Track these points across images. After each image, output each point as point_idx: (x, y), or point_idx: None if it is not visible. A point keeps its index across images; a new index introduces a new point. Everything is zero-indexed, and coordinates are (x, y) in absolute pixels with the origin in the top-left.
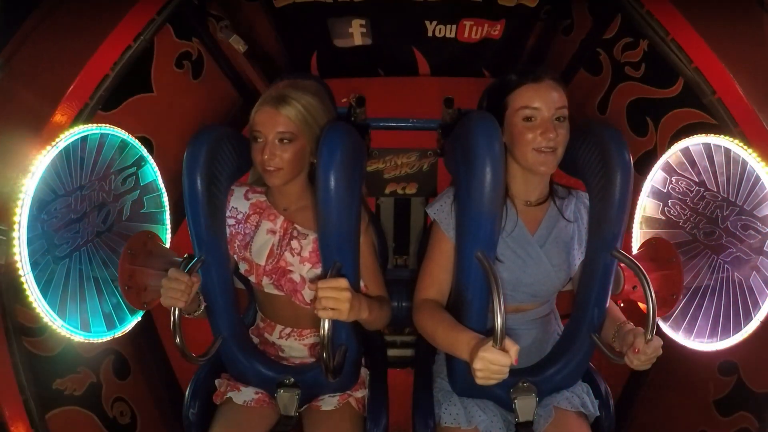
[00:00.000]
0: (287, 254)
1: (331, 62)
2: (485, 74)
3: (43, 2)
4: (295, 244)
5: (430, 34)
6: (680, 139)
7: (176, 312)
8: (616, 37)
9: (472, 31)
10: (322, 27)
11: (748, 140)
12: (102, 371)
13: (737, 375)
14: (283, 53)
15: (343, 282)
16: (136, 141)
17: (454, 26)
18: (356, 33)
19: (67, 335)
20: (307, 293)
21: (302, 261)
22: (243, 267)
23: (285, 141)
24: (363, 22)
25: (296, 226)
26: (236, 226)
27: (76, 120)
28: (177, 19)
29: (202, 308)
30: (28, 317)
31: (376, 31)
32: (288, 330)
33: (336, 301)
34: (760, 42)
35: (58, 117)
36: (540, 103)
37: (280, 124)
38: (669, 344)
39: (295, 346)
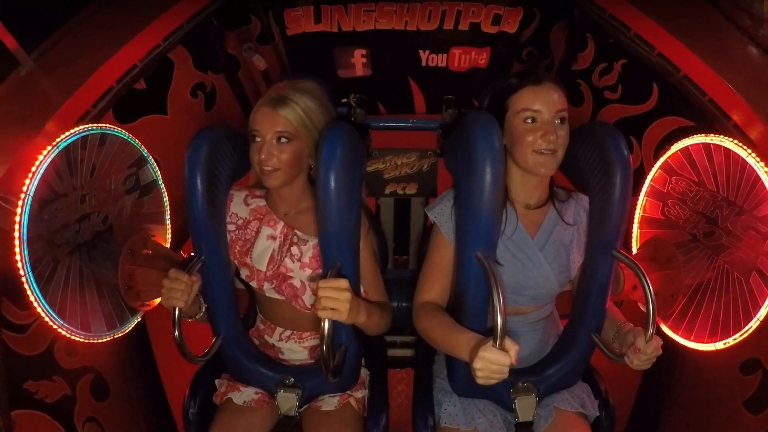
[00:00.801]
0: (287, 260)
1: (334, 96)
2: (475, 105)
3: (88, 6)
4: (295, 250)
5: (423, 63)
6: (664, 149)
7: (176, 314)
8: (592, 64)
9: (461, 59)
10: (327, 57)
11: (744, 132)
12: (78, 387)
13: (762, 369)
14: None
15: (343, 282)
16: (137, 141)
17: (445, 55)
18: (358, 63)
19: (67, 335)
20: (308, 298)
21: (302, 267)
22: (244, 273)
23: (283, 141)
24: (364, 52)
25: (296, 231)
26: (236, 232)
27: (87, 114)
28: (196, 50)
29: (203, 311)
30: (12, 312)
31: (376, 61)
32: (288, 332)
33: (336, 302)
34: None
35: (56, 121)
36: (541, 105)
37: (278, 124)
38: (686, 354)
39: (295, 349)
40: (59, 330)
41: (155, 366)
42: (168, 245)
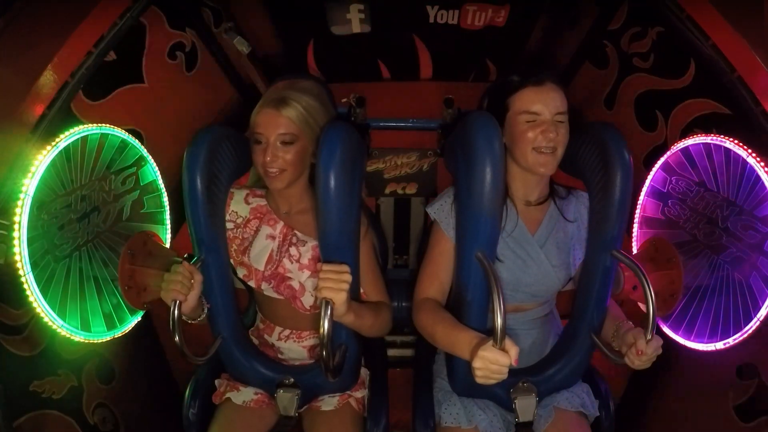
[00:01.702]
0: (286, 260)
1: (329, 53)
2: (489, 66)
3: None
4: (293, 250)
5: (431, 20)
6: (693, 132)
7: (176, 310)
8: (623, 27)
9: (476, 17)
10: (318, 12)
11: None
12: (84, 374)
13: (758, 378)
14: (279, 45)
15: (344, 267)
16: (137, 141)
17: (456, 11)
18: (354, 19)
19: (67, 335)
20: (307, 300)
21: (301, 268)
22: (241, 272)
23: (286, 143)
24: (362, 6)
25: (296, 232)
26: (234, 230)
27: (56, 100)
28: (170, 7)
29: (206, 312)
30: (8, 314)
31: (376, 16)
32: (287, 332)
33: (335, 282)
34: None
35: (37, 94)
36: (541, 107)
37: (281, 126)
38: (684, 351)
39: (294, 348)
40: (59, 330)
41: (160, 344)
42: (168, 245)
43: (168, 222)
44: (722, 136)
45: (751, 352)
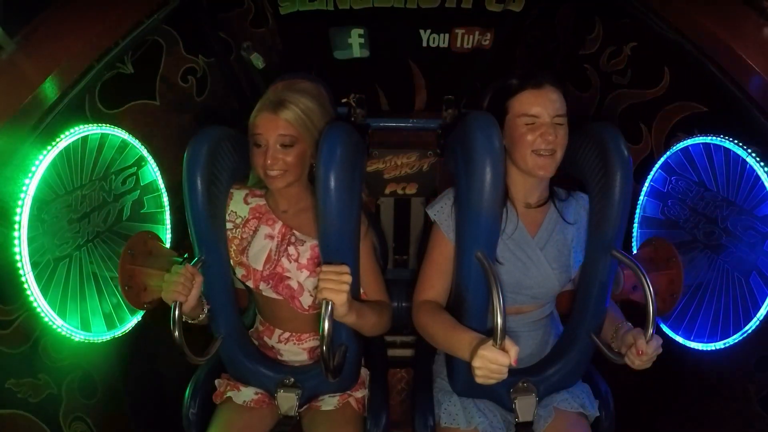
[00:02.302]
0: (284, 260)
1: (330, 79)
2: (479, 92)
3: None
4: (292, 250)
5: (424, 44)
6: (676, 137)
7: (177, 310)
8: (600, 48)
9: (464, 39)
10: (323, 38)
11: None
12: (65, 385)
13: None
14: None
15: (344, 267)
16: (137, 141)
17: (446, 35)
18: (355, 44)
19: (67, 335)
20: (305, 300)
21: (299, 268)
22: (240, 272)
23: (286, 145)
24: (362, 32)
25: (295, 231)
26: (234, 230)
27: (63, 96)
28: (187, 32)
29: (206, 312)
30: None
31: (374, 41)
32: (287, 334)
33: (335, 283)
34: None
35: (44, 93)
36: (540, 109)
37: (280, 128)
38: (695, 355)
39: (294, 350)
40: (59, 330)
41: (154, 363)
42: (168, 245)
43: (168, 222)
44: (723, 137)
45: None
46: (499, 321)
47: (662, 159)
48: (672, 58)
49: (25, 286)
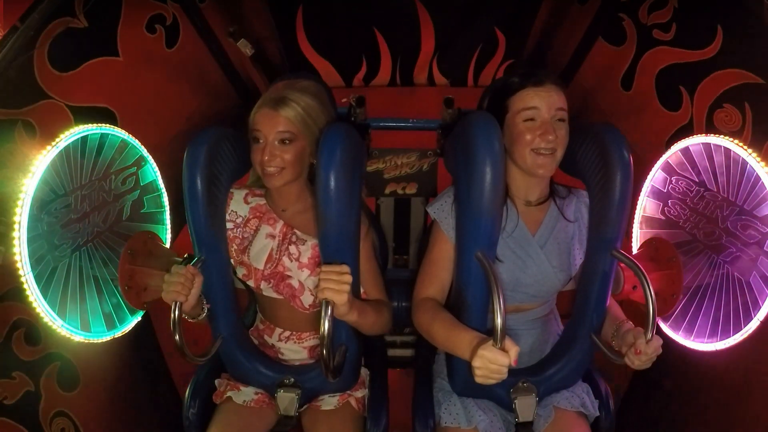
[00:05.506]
0: (285, 259)
1: (319, 18)
2: (498, 38)
3: None
4: (293, 249)
5: None
6: (722, 107)
7: (177, 310)
8: None
9: None
10: None
11: None
12: (43, 379)
13: None
14: (267, 11)
15: (345, 267)
16: (137, 141)
17: None
18: None
19: (67, 335)
20: (306, 299)
21: (300, 267)
22: (241, 271)
23: (285, 141)
24: None
25: (295, 231)
26: (234, 230)
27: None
28: None
29: (205, 311)
30: None
31: None
32: (287, 333)
33: (336, 283)
34: None
35: None
36: (540, 103)
37: (279, 125)
38: (695, 356)
39: (295, 349)
40: (59, 330)
41: (161, 357)
42: (168, 245)
43: (168, 222)
44: (722, 136)
45: None
46: (499, 321)
47: (662, 159)
48: (727, 16)
49: (25, 286)
